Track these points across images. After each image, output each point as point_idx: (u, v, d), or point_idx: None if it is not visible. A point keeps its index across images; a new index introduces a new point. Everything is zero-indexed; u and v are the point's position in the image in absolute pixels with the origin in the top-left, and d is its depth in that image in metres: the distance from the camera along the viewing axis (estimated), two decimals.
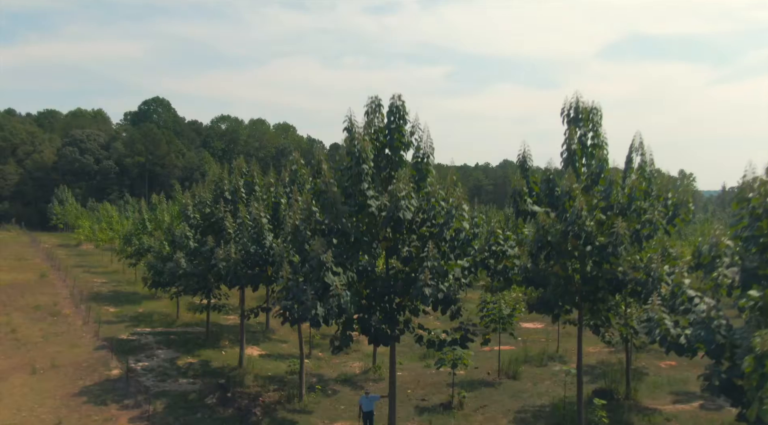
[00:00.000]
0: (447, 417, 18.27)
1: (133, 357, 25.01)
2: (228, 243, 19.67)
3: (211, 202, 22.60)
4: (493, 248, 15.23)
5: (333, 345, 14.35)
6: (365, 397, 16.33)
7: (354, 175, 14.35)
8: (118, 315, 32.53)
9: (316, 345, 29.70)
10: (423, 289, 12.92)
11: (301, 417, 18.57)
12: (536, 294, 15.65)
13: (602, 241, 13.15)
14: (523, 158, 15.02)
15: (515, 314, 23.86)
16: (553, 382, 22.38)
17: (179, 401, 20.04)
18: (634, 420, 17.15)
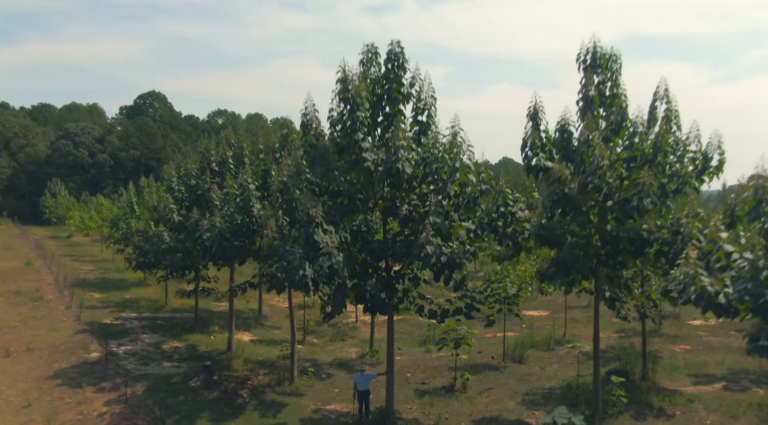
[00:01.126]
0: (449, 400, 16.85)
1: (115, 341, 23.59)
2: (214, 215, 18.23)
3: (197, 173, 21.15)
4: (501, 209, 13.83)
5: (324, 313, 12.88)
6: (360, 376, 14.91)
7: (348, 126, 12.93)
8: (103, 300, 31.07)
9: (310, 331, 28.31)
10: (424, 247, 11.48)
11: (292, 400, 17.14)
12: (548, 260, 14.22)
13: (625, 195, 11.73)
14: (534, 110, 13.60)
15: (521, 294, 22.48)
16: (562, 366, 20.96)
17: (161, 384, 18.61)
18: (654, 400, 15.73)
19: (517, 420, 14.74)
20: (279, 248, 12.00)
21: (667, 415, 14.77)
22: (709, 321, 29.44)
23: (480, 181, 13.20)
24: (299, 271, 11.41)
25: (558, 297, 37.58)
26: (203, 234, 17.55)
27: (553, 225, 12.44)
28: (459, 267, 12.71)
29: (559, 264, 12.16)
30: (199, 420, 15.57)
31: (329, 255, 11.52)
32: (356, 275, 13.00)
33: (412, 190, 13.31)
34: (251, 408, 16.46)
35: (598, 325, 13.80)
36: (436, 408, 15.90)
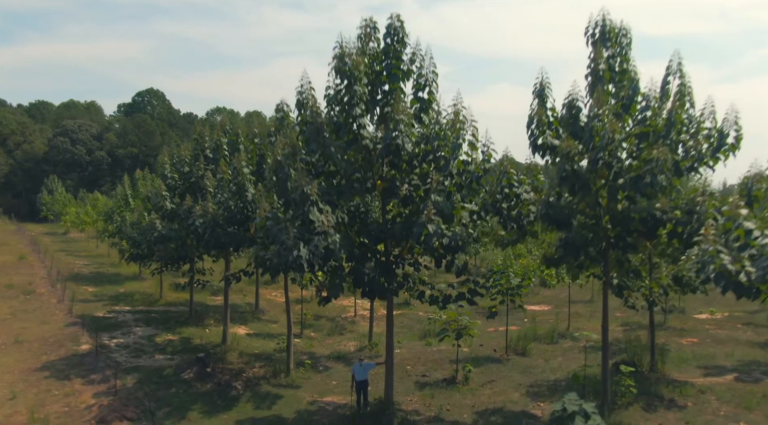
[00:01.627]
0: (451, 392, 16.23)
1: (107, 334, 22.95)
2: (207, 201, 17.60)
3: (191, 160, 20.52)
4: (505, 191, 13.21)
5: (320, 296, 12.23)
6: (358, 365, 14.28)
7: (345, 102, 12.32)
8: (96, 294, 30.44)
9: (308, 325, 27.69)
10: (425, 227, 10.85)
11: (288, 392, 16.52)
12: (555, 246, 13.61)
13: (637, 172, 11.12)
14: (541, 86, 12.98)
15: (524, 285, 21.86)
16: (566, 359, 20.34)
17: (152, 376, 17.99)
18: (664, 392, 15.13)
19: (521, 412, 14.13)
20: (272, 229, 11.37)
21: (679, 406, 14.16)
22: (715, 315, 28.87)
23: (484, 159, 12.58)
24: (293, 252, 10.78)
25: (560, 292, 37.03)
26: (196, 220, 16.93)
27: (561, 204, 11.80)
28: (461, 249, 12.09)
29: (567, 246, 11.54)
30: (191, 412, 14.94)
31: (325, 234, 10.89)
32: (354, 258, 12.38)
33: (412, 169, 12.70)
34: (245, 400, 15.84)
35: (607, 311, 13.19)
36: (438, 400, 15.30)
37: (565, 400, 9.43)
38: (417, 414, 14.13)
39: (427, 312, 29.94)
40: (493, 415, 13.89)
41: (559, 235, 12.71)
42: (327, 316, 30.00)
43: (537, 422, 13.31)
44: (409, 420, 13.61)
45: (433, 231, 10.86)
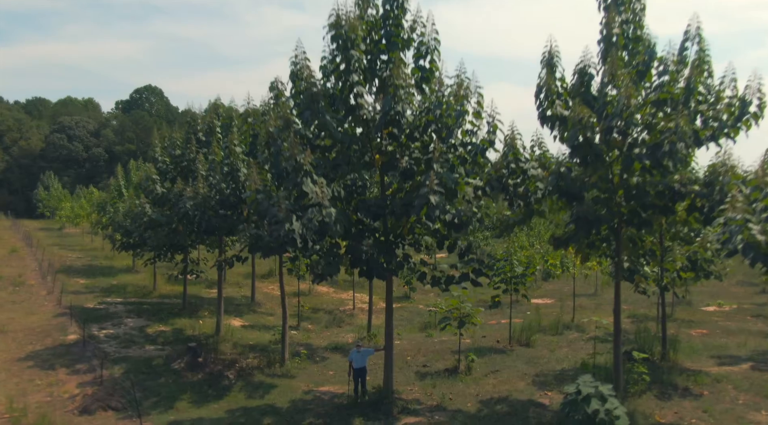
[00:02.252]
0: (453, 381, 15.48)
1: (96, 324, 22.18)
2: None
3: (182, 143, 19.75)
4: (511, 166, 12.47)
5: (314, 274, 11.44)
6: (356, 352, 13.52)
7: (341, 70, 11.56)
8: (88, 286, 29.66)
9: (306, 317, 26.94)
10: (428, 198, 10.09)
11: (282, 381, 15.77)
12: (567, 219, 12.82)
13: (655, 140, 10.36)
14: (549, 55, 12.22)
15: (529, 273, 21.12)
16: (572, 349, 19.59)
17: (141, 366, 17.24)
18: (677, 381, 14.38)
19: (528, 400, 13.37)
20: (263, 203, 10.61)
21: (694, 395, 13.41)
22: (723, 308, 28.15)
23: (489, 131, 11.82)
24: (285, 225, 10.01)
25: (563, 286, 36.26)
26: (186, 203, 16.16)
27: (573, 177, 11.04)
28: (466, 226, 11.33)
29: (578, 221, 10.77)
30: (180, 402, 14.19)
31: (319, 206, 10.13)
32: (351, 236, 11.61)
33: (413, 141, 11.94)
34: (237, 389, 15.09)
35: (619, 294, 12.42)
36: (439, 389, 14.55)
37: (580, 382, 8.68)
38: (418, 403, 13.38)
39: (427, 306, 29.30)
40: (499, 404, 13.14)
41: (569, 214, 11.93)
42: (325, 309, 29.28)
43: (545, 410, 12.56)
44: (409, 408, 12.86)
45: (435, 203, 10.10)
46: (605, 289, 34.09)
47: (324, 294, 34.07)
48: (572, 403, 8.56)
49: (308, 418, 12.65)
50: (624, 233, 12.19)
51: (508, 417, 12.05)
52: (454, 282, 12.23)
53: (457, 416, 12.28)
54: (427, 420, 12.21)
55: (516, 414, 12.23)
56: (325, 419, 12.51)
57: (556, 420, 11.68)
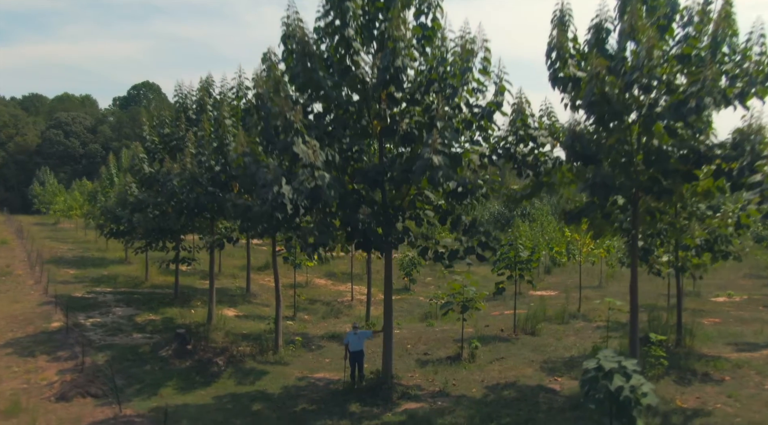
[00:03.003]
0: (456, 368, 14.58)
1: (83, 313, 21.27)
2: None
3: (171, 121, 18.83)
4: (520, 132, 11.57)
5: (306, 244, 10.49)
6: (353, 334, 12.63)
7: (337, 26, 10.66)
8: (78, 276, 28.73)
9: (302, 308, 26.03)
10: (431, 160, 9.18)
11: (275, 368, 14.87)
12: (574, 202, 11.94)
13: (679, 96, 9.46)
14: (561, 13, 11.29)
15: (534, 259, 20.21)
16: (580, 337, 18.68)
17: (127, 353, 16.34)
18: (696, 366, 13.48)
19: (538, 386, 12.46)
20: (250, 166, 9.71)
21: (715, 380, 12.52)
22: (734, 298, 27.26)
23: (497, 92, 10.92)
24: (273, 187, 9.10)
25: (567, 279, 35.32)
26: (173, 179, 15.25)
27: (589, 138, 10.12)
28: (472, 194, 10.43)
29: (595, 187, 9.85)
30: (164, 389, 13.28)
31: (312, 168, 9.22)
32: (346, 205, 10.70)
33: (414, 104, 11.03)
34: (227, 376, 14.20)
35: (636, 269, 11.51)
36: (442, 376, 13.65)
37: (601, 357, 7.77)
38: (419, 389, 12.47)
39: (427, 297, 28.43)
40: (506, 389, 12.22)
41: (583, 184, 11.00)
42: (322, 300, 28.41)
43: (556, 395, 11.65)
44: (410, 394, 11.96)
45: (438, 164, 9.19)
46: (610, 282, 33.21)
47: (322, 286, 33.22)
48: (592, 380, 7.66)
49: (301, 404, 11.76)
50: (641, 205, 11.28)
51: (516, 403, 11.14)
52: (458, 256, 11.33)
53: (462, 401, 11.38)
54: (429, 405, 11.31)
55: (525, 400, 11.33)
56: (319, 405, 11.61)
57: (570, 404, 10.79)
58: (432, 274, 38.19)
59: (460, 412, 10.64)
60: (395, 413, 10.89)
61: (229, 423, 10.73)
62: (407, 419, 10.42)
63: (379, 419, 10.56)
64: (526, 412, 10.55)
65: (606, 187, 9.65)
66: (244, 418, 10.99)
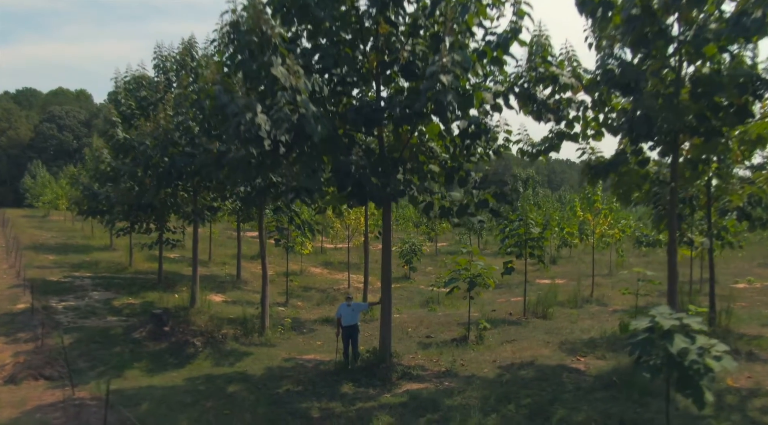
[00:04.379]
0: (463, 350, 12.93)
1: (57, 297, 19.58)
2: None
3: (149, 84, 17.16)
4: (539, 70, 9.94)
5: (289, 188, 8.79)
6: (346, 306, 10.99)
7: None
8: (57, 262, 27.03)
9: (296, 295, 24.40)
10: (438, 78, 7.53)
11: (260, 350, 13.25)
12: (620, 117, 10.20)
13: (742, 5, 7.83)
14: None
15: (546, 236, 18.57)
16: (598, 321, 17.04)
17: (96, 336, 14.68)
18: (738, 345, 11.82)
19: (559, 365, 10.80)
20: (221, 96, 8.05)
21: (763, 359, 10.89)
22: (755, 285, 25.65)
23: (514, 18, 9.27)
24: (246, 114, 7.46)
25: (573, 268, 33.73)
26: (146, 140, 13.59)
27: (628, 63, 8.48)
28: (485, 134, 8.80)
29: (635, 122, 8.21)
30: (131, 371, 11.65)
31: (293, 91, 7.57)
32: (337, 149, 9.04)
33: (417, 30, 9.37)
34: (203, 357, 12.58)
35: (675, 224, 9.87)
36: (448, 357, 11.99)
37: (656, 314, 6.13)
38: (422, 369, 10.82)
39: (428, 285, 26.87)
40: (523, 369, 10.57)
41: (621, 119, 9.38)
42: (317, 288, 26.80)
43: (582, 375, 10.00)
44: (411, 374, 10.32)
45: (448, 84, 7.53)
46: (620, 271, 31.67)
47: (317, 275, 31.65)
48: (645, 343, 6.02)
49: (285, 385, 10.10)
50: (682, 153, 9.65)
51: (537, 382, 9.50)
52: (468, 212, 9.68)
53: (473, 381, 9.73)
54: (435, 386, 9.66)
55: (546, 379, 9.69)
56: (306, 386, 9.96)
57: (601, 384, 9.15)
58: (433, 264, 36.59)
59: (471, 393, 9.00)
60: (395, 394, 9.25)
61: (199, 405, 9.08)
62: (409, 400, 8.77)
63: (376, 400, 8.92)
64: (550, 392, 8.92)
65: (648, 121, 8.03)
66: (216, 400, 9.33)
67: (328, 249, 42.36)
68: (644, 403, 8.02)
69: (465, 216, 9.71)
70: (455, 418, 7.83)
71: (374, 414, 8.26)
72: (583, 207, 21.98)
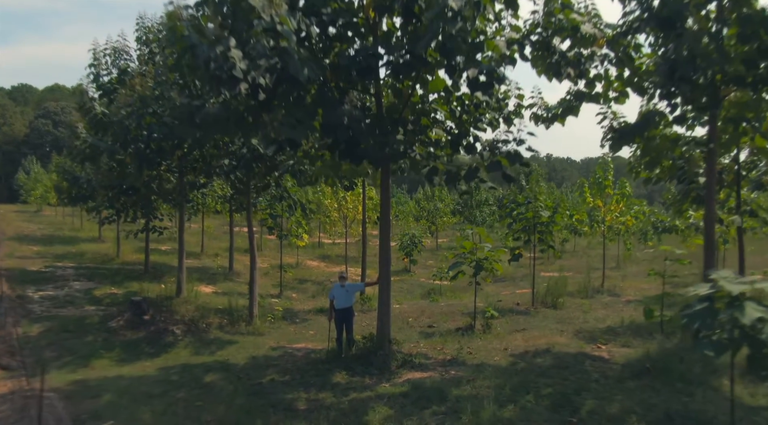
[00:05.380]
0: (470, 338, 11.74)
1: (34, 286, 18.36)
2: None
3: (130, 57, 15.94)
4: (559, 17, 8.77)
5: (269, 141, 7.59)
6: (339, 286, 9.79)
7: None
8: (41, 252, 25.81)
9: (291, 287, 23.21)
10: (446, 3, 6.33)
11: (246, 338, 12.08)
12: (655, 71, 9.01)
13: None
14: None
15: (557, 221, 17.36)
16: (612, 311, 15.86)
17: (69, 325, 13.49)
18: None
19: (579, 353, 9.60)
20: (189, 36, 6.84)
21: None
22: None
23: None
24: (217, 48, 6.27)
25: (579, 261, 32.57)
26: (122, 109, 12.40)
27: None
28: (499, 83, 7.61)
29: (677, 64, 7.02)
30: (100, 360, 10.46)
31: (271, 19, 6.36)
32: (326, 100, 7.81)
33: None
34: (182, 346, 11.39)
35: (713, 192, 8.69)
36: (453, 345, 10.80)
37: (718, 278, 4.94)
38: (425, 357, 9.63)
39: (428, 279, 25.73)
40: (539, 357, 9.36)
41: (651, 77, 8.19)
42: (314, 280, 25.60)
43: (608, 363, 8.80)
44: (413, 362, 9.11)
45: (457, 9, 6.33)
46: (627, 264, 30.49)
47: (314, 268, 30.50)
48: (706, 314, 4.82)
49: (270, 375, 8.90)
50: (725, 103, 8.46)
51: (556, 371, 8.30)
52: (477, 176, 8.48)
53: (483, 370, 8.52)
54: (440, 374, 8.46)
55: (567, 368, 8.49)
56: (293, 375, 8.76)
57: (630, 373, 7.95)
58: (434, 258, 35.45)
59: (482, 382, 7.81)
60: (394, 383, 8.05)
61: (168, 395, 7.88)
62: (411, 390, 7.57)
63: (373, 390, 7.72)
64: (573, 382, 7.72)
65: (692, 61, 6.82)
66: (189, 390, 8.14)
67: (326, 243, 41.27)
68: (687, 392, 6.83)
69: (474, 180, 8.51)
70: (465, 409, 6.63)
71: (370, 405, 7.06)
72: (592, 193, 20.78)
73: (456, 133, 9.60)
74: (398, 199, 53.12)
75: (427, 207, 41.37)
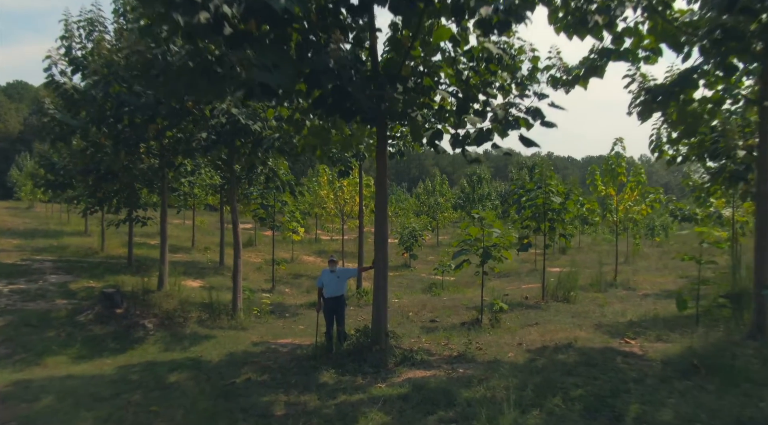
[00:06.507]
0: (477, 333, 10.44)
1: (6, 280, 17.07)
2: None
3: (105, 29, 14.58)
4: None
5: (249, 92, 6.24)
6: (329, 272, 8.48)
7: None
8: (20, 246, 24.50)
9: (284, 282, 21.92)
10: None
11: (225, 333, 10.77)
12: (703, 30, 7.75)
13: None
14: None
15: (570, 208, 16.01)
16: (630, 304, 14.56)
17: (32, 319, 12.16)
18: None
19: (606, 348, 8.27)
20: None
21: None
22: None
23: None
24: None
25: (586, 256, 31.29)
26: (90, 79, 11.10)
27: None
28: (518, 21, 6.31)
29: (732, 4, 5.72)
30: (56, 357, 9.17)
31: None
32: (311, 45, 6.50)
33: None
34: (152, 341, 10.10)
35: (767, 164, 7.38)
36: (460, 339, 9.49)
37: None
38: (428, 354, 8.31)
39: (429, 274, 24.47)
40: (560, 353, 8.03)
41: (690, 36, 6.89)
42: (308, 275, 24.29)
43: (642, 360, 7.47)
44: (414, 359, 7.80)
45: None
46: (636, 259, 29.23)
47: (309, 263, 29.18)
48: None
49: (246, 374, 7.58)
50: None
51: (584, 369, 6.98)
52: (490, 138, 7.17)
53: (497, 368, 7.20)
54: (446, 373, 7.14)
55: (596, 365, 7.17)
56: (273, 374, 7.44)
57: (674, 372, 6.64)
58: (434, 253, 34.18)
59: (496, 382, 6.49)
60: (392, 384, 6.73)
61: (119, 398, 6.57)
62: (411, 391, 6.26)
63: (366, 392, 6.41)
64: (607, 382, 6.41)
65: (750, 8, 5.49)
66: (146, 392, 6.82)
67: (323, 239, 40.04)
68: (754, 394, 5.54)
69: (486, 142, 7.21)
70: (479, 415, 5.33)
71: (362, 409, 5.76)
72: (605, 181, 19.46)
73: (462, 98, 8.30)
74: (398, 196, 51.81)
75: (428, 201, 40.05)
